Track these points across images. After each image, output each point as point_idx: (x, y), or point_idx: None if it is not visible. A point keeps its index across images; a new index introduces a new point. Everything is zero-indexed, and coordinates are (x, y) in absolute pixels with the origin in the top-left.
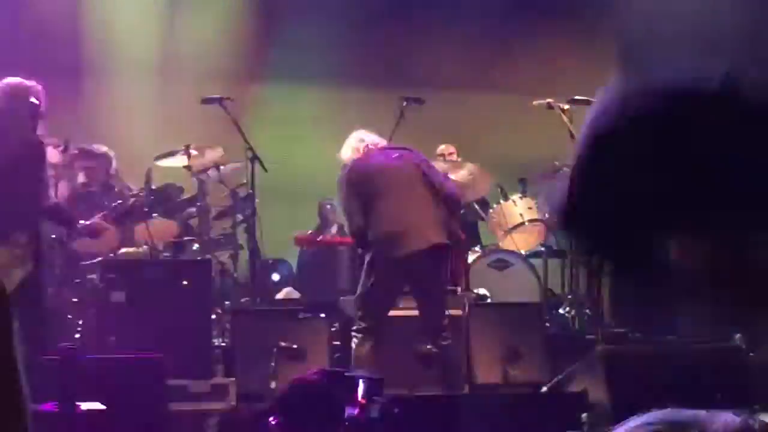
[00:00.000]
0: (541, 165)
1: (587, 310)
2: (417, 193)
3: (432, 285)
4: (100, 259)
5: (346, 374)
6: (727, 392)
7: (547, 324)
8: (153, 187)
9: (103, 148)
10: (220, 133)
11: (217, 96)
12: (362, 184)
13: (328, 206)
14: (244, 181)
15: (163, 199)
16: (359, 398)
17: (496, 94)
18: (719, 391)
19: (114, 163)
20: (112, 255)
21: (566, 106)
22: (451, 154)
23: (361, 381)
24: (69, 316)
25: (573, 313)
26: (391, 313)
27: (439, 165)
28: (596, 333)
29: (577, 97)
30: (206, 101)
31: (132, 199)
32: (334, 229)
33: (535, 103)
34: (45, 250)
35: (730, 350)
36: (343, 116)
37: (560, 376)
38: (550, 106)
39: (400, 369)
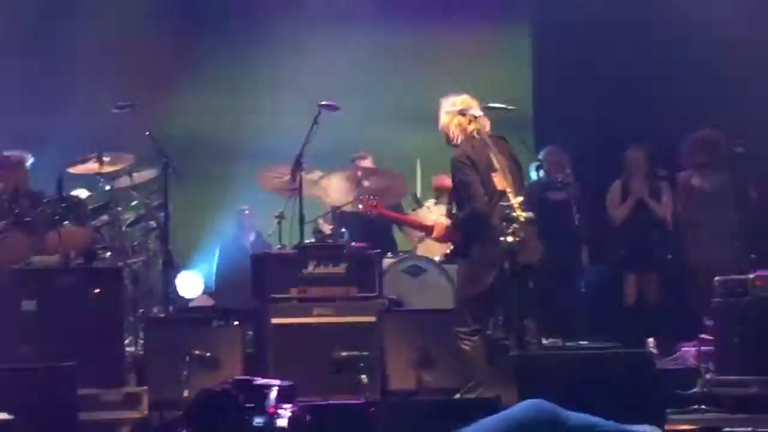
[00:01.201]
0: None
1: (501, 317)
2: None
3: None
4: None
5: (255, 383)
6: (637, 398)
7: None
8: (65, 194)
9: (17, 154)
10: (134, 140)
11: (130, 103)
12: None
13: (246, 212)
14: (157, 189)
15: (75, 207)
16: (268, 407)
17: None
18: (629, 397)
19: (27, 169)
20: (23, 263)
21: (478, 113)
22: (367, 159)
23: (271, 389)
24: None
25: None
26: (307, 320)
27: (355, 171)
28: (510, 339)
29: (491, 105)
30: (120, 107)
31: (43, 207)
32: (252, 236)
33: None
34: None
35: (640, 356)
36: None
37: (473, 383)
38: (461, 113)
39: (316, 376)
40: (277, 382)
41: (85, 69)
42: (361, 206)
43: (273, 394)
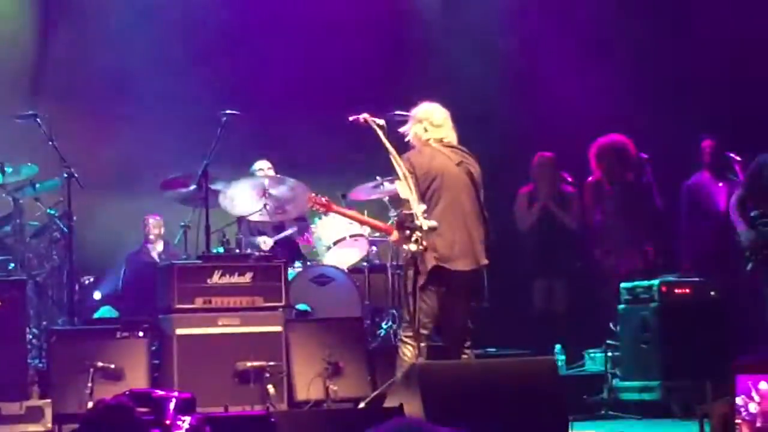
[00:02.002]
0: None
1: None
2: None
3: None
4: None
5: (153, 395)
6: (541, 405)
7: (369, 338)
8: None
9: None
10: (35, 150)
11: (32, 112)
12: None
13: (150, 221)
14: (61, 199)
15: None
16: (165, 419)
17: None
18: (533, 404)
19: None
20: None
21: (381, 122)
22: (269, 168)
23: (169, 401)
24: None
25: (395, 327)
26: (212, 330)
27: (258, 180)
28: (415, 347)
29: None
30: (21, 117)
31: None
32: (159, 246)
33: (350, 118)
34: None
35: (544, 363)
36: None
37: (377, 391)
38: (365, 122)
39: (223, 387)
40: (175, 393)
41: None
42: (310, 205)
43: (171, 405)
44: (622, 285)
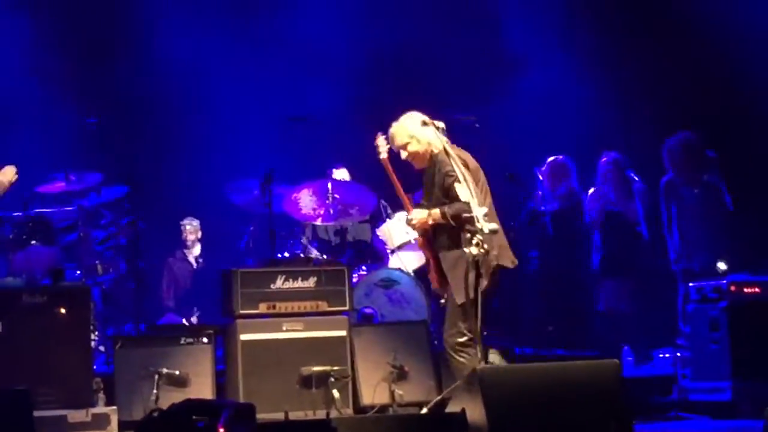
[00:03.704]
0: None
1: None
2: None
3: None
4: None
5: (211, 403)
6: (604, 407)
7: (435, 342)
8: (32, 213)
9: None
10: (100, 157)
11: (95, 119)
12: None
13: (188, 226)
14: (127, 206)
15: (43, 226)
16: (219, 427)
17: None
18: (597, 407)
19: None
20: None
21: (441, 124)
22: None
23: (224, 409)
24: None
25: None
26: (276, 335)
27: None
28: (478, 350)
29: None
30: (89, 123)
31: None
32: (197, 250)
33: None
34: None
35: (607, 365)
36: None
37: (440, 397)
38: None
39: (287, 392)
40: (232, 402)
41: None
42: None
43: (226, 414)
44: (691, 284)
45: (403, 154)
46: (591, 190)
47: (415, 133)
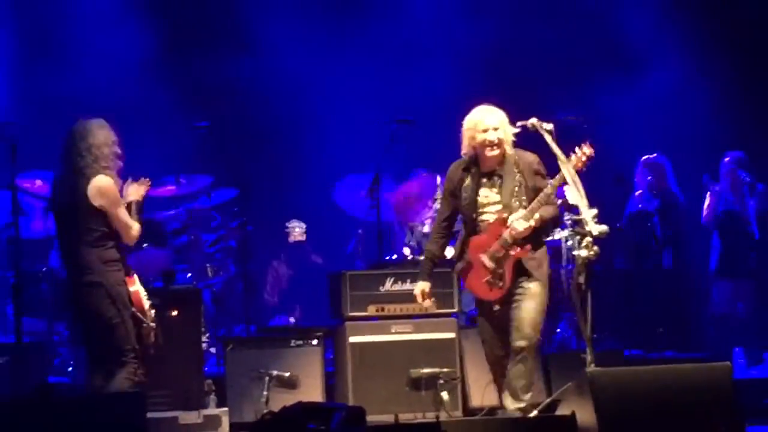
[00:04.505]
0: None
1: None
2: None
3: None
4: None
5: (323, 406)
6: (715, 411)
7: (545, 343)
8: (144, 216)
9: None
10: (209, 160)
11: (206, 123)
12: None
13: (297, 228)
14: (236, 209)
15: (154, 229)
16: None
17: None
18: (707, 411)
19: None
20: None
21: (549, 126)
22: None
23: (336, 412)
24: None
25: (572, 331)
26: (385, 337)
27: None
28: (588, 352)
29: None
30: (196, 128)
31: None
32: None
33: (519, 124)
34: None
35: (719, 369)
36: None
37: (549, 399)
38: (532, 127)
39: (396, 394)
40: (343, 405)
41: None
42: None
43: (338, 417)
44: None
45: (503, 145)
46: (712, 189)
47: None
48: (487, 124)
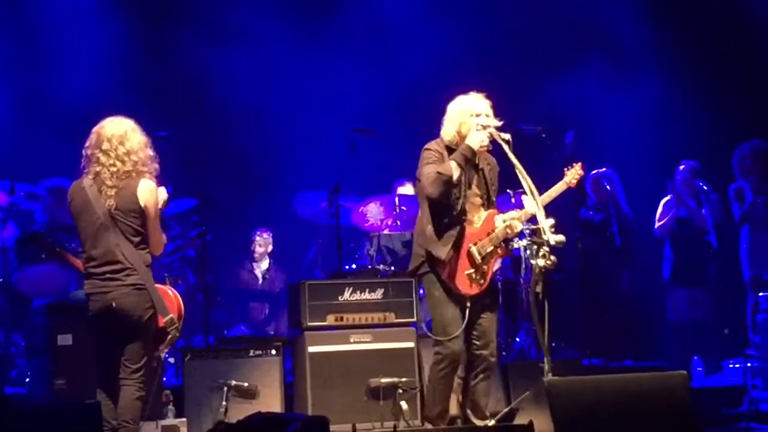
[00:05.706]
0: None
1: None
2: None
3: None
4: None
5: (279, 417)
6: (674, 420)
7: (503, 353)
8: None
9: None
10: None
11: (165, 132)
12: None
13: (259, 238)
14: (195, 218)
15: None
16: None
17: None
18: (666, 419)
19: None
20: (59, 297)
21: (507, 136)
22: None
23: (293, 423)
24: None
25: (530, 340)
26: (344, 347)
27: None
28: (546, 361)
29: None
30: (155, 137)
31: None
32: (264, 264)
33: None
34: None
35: (677, 377)
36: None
37: (508, 408)
38: (491, 137)
39: (355, 404)
40: (303, 414)
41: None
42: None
43: (293, 427)
44: (761, 294)
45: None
46: (665, 199)
47: None
48: (480, 109)
